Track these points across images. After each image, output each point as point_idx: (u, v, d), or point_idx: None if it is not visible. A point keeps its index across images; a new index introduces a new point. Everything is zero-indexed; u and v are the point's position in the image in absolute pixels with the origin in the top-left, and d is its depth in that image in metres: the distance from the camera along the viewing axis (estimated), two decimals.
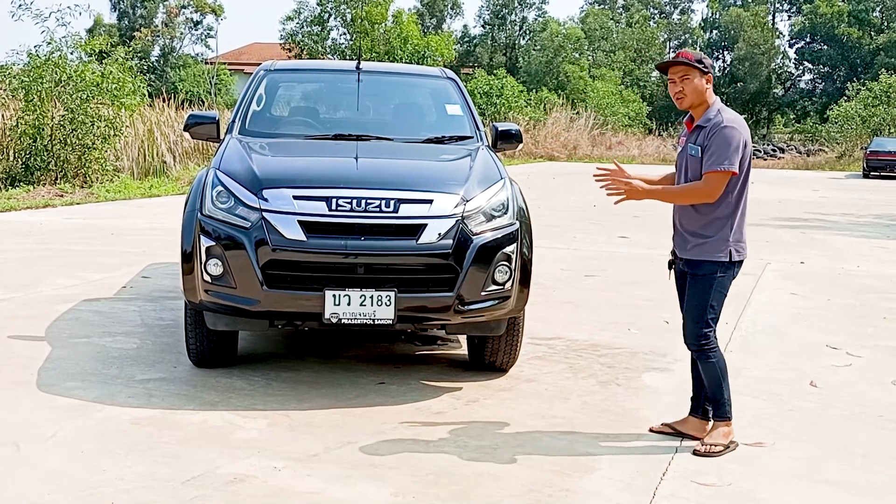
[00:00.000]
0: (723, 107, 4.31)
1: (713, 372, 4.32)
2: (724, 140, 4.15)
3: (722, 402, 4.35)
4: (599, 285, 8.70)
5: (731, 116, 4.25)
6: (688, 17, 70.59)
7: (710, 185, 4.17)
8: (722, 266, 4.24)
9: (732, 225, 4.24)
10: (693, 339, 4.32)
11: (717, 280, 4.25)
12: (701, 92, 4.27)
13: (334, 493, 3.72)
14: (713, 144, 4.17)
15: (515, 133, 6.36)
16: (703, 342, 4.29)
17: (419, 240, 4.81)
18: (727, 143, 4.15)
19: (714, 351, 4.31)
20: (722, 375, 4.33)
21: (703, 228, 4.26)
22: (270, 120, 6.39)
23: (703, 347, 4.30)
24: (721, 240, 4.23)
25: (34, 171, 16.92)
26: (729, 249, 4.23)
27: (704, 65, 4.27)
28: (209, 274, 4.84)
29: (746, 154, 4.24)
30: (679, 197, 4.32)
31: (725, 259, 4.23)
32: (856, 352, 6.33)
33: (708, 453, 4.25)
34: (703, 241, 4.25)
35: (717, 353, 4.33)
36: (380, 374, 5.39)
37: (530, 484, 3.86)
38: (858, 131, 41.66)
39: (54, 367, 5.36)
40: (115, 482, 3.74)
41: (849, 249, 11.95)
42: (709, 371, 4.33)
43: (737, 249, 4.25)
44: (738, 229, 4.25)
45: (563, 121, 40.73)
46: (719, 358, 4.33)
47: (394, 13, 42.30)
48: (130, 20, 57.55)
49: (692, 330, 4.31)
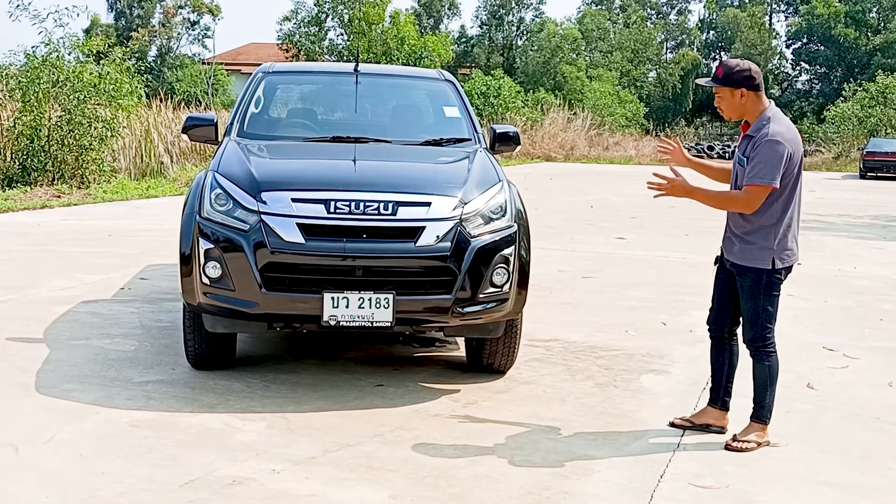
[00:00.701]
0: (775, 114, 4.30)
1: (763, 374, 4.42)
2: (766, 154, 4.18)
3: (763, 405, 4.44)
4: (597, 287, 8.71)
5: (778, 129, 4.23)
6: (685, 18, 70.63)
7: (748, 197, 4.23)
8: (767, 272, 4.31)
9: (777, 234, 4.29)
10: (750, 340, 4.41)
11: (763, 285, 4.32)
12: (738, 106, 4.32)
13: (332, 495, 3.72)
14: (756, 157, 4.20)
15: (513, 135, 6.37)
16: (760, 344, 4.39)
17: (417, 242, 4.82)
18: (769, 157, 4.17)
19: (771, 355, 4.40)
20: (771, 380, 4.42)
21: (748, 235, 4.33)
22: (269, 122, 6.40)
23: (759, 349, 4.40)
24: (766, 248, 4.30)
25: (31, 172, 16.91)
26: (773, 258, 4.30)
27: (733, 80, 4.27)
28: (208, 276, 4.85)
29: (792, 166, 4.25)
30: (719, 202, 4.38)
31: (769, 266, 4.30)
32: (853, 353, 6.35)
33: (742, 449, 4.35)
34: (748, 246, 4.33)
35: (774, 357, 4.41)
36: (378, 377, 5.40)
37: (528, 486, 3.87)
38: (855, 132, 41.70)
39: (52, 369, 5.36)
40: (113, 485, 3.74)
41: (846, 250, 11.98)
42: (759, 372, 4.43)
43: (780, 258, 4.31)
44: (783, 238, 4.30)
45: (561, 121, 40.73)
46: (773, 363, 4.41)
47: (391, 14, 42.27)
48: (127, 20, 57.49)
49: (749, 333, 4.41)
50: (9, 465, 3.93)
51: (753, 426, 4.44)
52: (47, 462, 3.97)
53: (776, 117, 4.28)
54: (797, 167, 4.29)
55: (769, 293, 4.33)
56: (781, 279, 4.36)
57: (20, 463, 3.96)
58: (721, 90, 4.31)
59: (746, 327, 4.41)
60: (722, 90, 4.31)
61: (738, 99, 4.29)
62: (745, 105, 4.30)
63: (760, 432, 4.42)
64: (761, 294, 4.33)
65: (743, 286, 4.38)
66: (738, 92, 4.28)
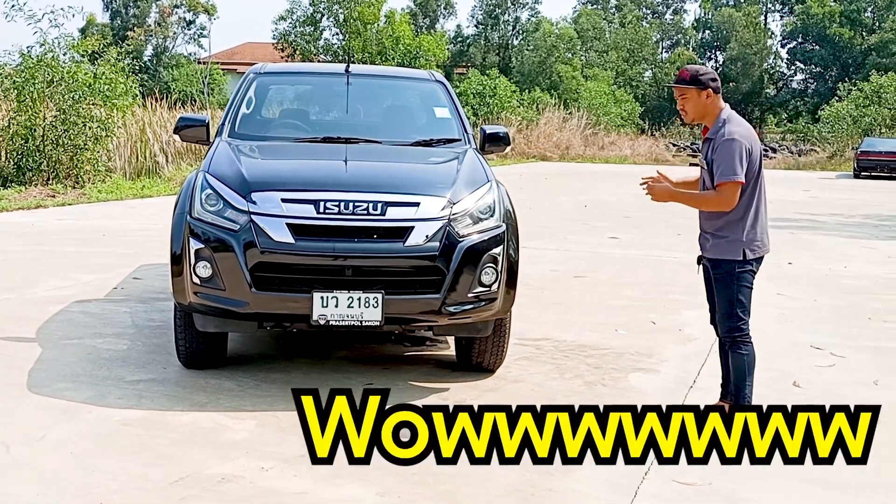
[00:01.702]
0: (730, 116, 4.55)
1: (741, 363, 4.58)
2: (726, 153, 4.43)
3: (742, 395, 4.59)
4: (589, 286, 8.76)
5: (733, 129, 4.48)
6: (680, 18, 70.78)
7: (723, 195, 4.46)
8: (738, 263, 4.52)
9: (745, 227, 4.51)
10: (726, 331, 4.59)
11: (736, 276, 4.52)
12: (702, 107, 4.56)
13: (322, 493, 3.77)
14: (718, 157, 4.45)
15: (503, 136, 6.42)
16: (736, 334, 4.57)
17: (406, 242, 4.86)
18: (730, 155, 4.42)
19: (746, 344, 4.58)
20: (748, 369, 4.58)
21: (719, 230, 4.56)
22: (260, 123, 6.44)
23: (735, 339, 4.58)
24: (735, 241, 4.52)
25: (26, 172, 16.93)
26: (743, 249, 4.51)
27: (701, 81, 4.52)
28: (198, 276, 4.89)
29: (753, 161, 4.49)
30: (700, 203, 4.62)
31: (740, 258, 4.51)
32: (840, 352, 6.40)
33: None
34: (719, 241, 4.56)
35: (749, 347, 4.59)
36: (368, 375, 5.44)
37: (516, 484, 3.91)
38: (849, 131, 41.79)
39: (45, 368, 5.40)
40: (105, 483, 3.78)
41: (837, 250, 12.04)
42: (736, 361, 4.60)
43: (750, 249, 4.52)
44: (751, 230, 4.52)
45: (556, 121, 40.77)
46: (750, 352, 4.59)
47: (386, 13, 42.31)
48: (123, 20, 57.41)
49: (724, 324, 4.60)
50: (1, 464, 3.96)
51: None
52: (39, 461, 4.01)
53: (731, 118, 4.54)
54: (758, 163, 4.54)
55: (741, 284, 4.53)
56: (753, 270, 4.56)
57: (12, 462, 4.00)
58: (689, 91, 4.54)
59: (722, 319, 4.60)
60: (690, 91, 4.54)
61: (704, 100, 4.54)
62: (707, 107, 4.55)
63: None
64: (734, 285, 4.52)
65: (717, 278, 4.59)
66: (705, 93, 4.53)
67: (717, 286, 4.59)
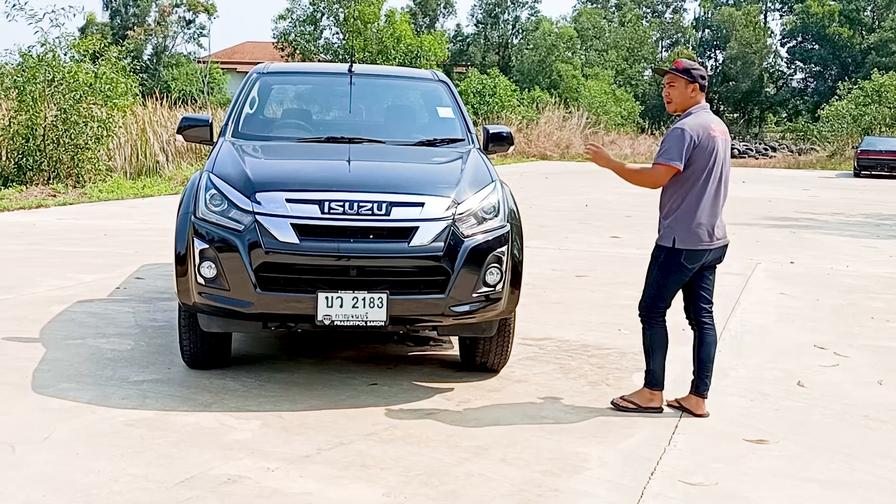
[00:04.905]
0: (697, 111, 4.77)
1: (645, 342, 4.91)
2: (670, 139, 4.68)
3: (649, 370, 4.90)
4: (590, 286, 8.76)
5: (686, 120, 4.71)
6: (680, 17, 70.79)
7: (653, 173, 4.72)
8: (666, 251, 4.77)
9: (681, 218, 4.73)
10: (642, 307, 4.91)
11: (661, 261, 4.80)
12: (687, 98, 4.78)
13: (326, 493, 3.76)
14: (664, 142, 4.72)
15: (507, 135, 6.41)
16: (647, 313, 4.88)
17: (411, 242, 4.86)
18: (673, 140, 4.66)
19: (654, 325, 4.86)
20: (652, 348, 4.87)
21: (664, 218, 4.83)
22: (263, 123, 6.43)
23: (645, 318, 4.89)
24: (670, 228, 4.76)
25: (27, 172, 16.93)
26: (673, 237, 4.74)
27: (692, 75, 4.75)
28: (203, 276, 4.88)
29: (697, 154, 4.67)
30: (630, 176, 4.84)
31: (668, 245, 4.75)
32: (843, 352, 6.40)
33: (619, 407, 4.92)
34: (661, 225, 4.85)
35: (658, 328, 4.86)
36: (372, 375, 5.44)
37: (520, 484, 3.91)
38: (850, 130, 41.79)
39: (48, 368, 5.40)
40: (109, 483, 3.78)
41: (838, 249, 12.04)
42: (644, 339, 4.92)
43: (682, 239, 4.72)
44: (688, 221, 4.71)
45: (556, 120, 40.77)
46: (656, 332, 4.86)
47: (386, 12, 42.29)
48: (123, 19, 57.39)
49: (643, 302, 4.91)
50: (5, 465, 3.96)
51: (644, 390, 4.93)
52: (43, 461, 4.00)
53: (695, 112, 4.76)
54: (709, 159, 4.69)
55: (664, 270, 4.79)
56: (681, 262, 4.74)
57: (16, 462, 3.99)
58: (678, 80, 4.76)
59: (643, 295, 4.90)
60: (679, 80, 4.76)
61: (690, 92, 4.76)
62: (689, 100, 4.76)
63: (648, 396, 4.89)
64: (656, 267, 4.81)
65: (651, 258, 4.87)
66: (693, 86, 4.75)
67: (649, 265, 4.87)
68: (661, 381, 4.90)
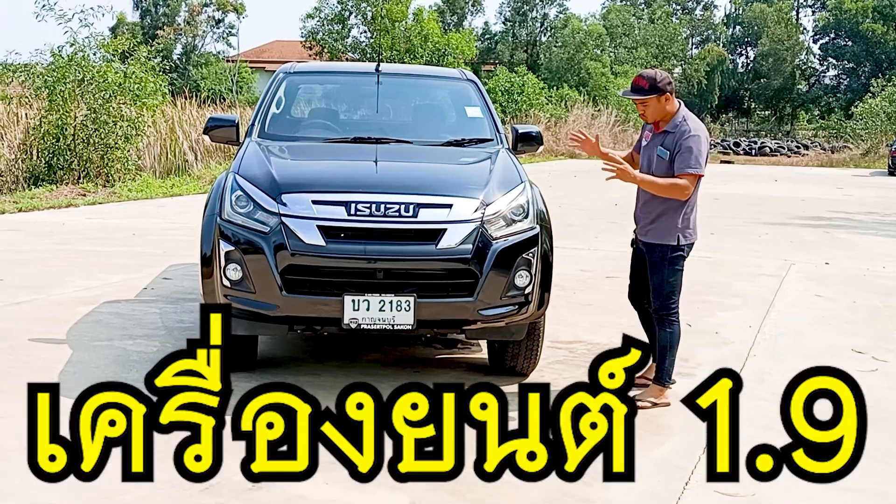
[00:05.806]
0: (687, 113, 4.98)
1: (665, 339, 5.01)
2: (695, 147, 4.85)
3: (663, 369, 5.01)
4: (620, 287, 8.58)
5: (696, 125, 4.92)
6: (710, 13, 70.12)
7: (686, 185, 4.85)
8: (672, 248, 4.95)
9: (681, 215, 4.93)
10: (657, 309, 5.04)
11: (669, 260, 4.96)
12: (661, 109, 4.94)
13: (352, 500, 3.71)
14: (684, 150, 4.85)
15: (536, 135, 6.32)
16: (664, 313, 5.01)
17: (438, 244, 4.78)
18: (697, 149, 4.85)
19: (673, 323, 5.03)
20: (671, 346, 5.02)
21: (658, 217, 4.96)
22: (290, 123, 6.38)
23: (663, 318, 5.02)
24: (672, 227, 4.94)
25: (57, 171, 17.04)
26: (678, 235, 4.95)
27: (659, 89, 4.88)
28: (228, 278, 4.84)
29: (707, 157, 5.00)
30: (660, 189, 4.92)
31: (674, 243, 4.94)
32: (882, 356, 6.24)
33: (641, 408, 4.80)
34: (657, 226, 4.97)
35: (676, 325, 5.04)
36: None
37: (549, 493, 3.82)
38: (884, 128, 41.15)
39: (75, 370, 5.38)
40: (133, 489, 3.73)
41: (874, 249, 11.82)
42: (662, 338, 5.02)
43: (684, 235, 4.97)
44: (686, 218, 4.95)
45: (585, 118, 40.52)
46: (675, 330, 5.03)
47: (414, 11, 42.23)
48: (153, 18, 57.82)
49: (656, 303, 5.04)
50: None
51: (653, 388, 5.01)
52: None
53: (689, 115, 4.97)
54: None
55: (673, 267, 4.97)
56: (684, 255, 5.00)
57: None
58: (650, 100, 4.90)
59: (654, 298, 5.04)
60: (650, 99, 4.90)
61: (663, 103, 4.92)
62: (666, 108, 4.93)
63: (658, 394, 4.99)
64: (667, 268, 4.96)
65: (652, 262, 5.01)
66: (664, 97, 4.91)
67: (651, 268, 5.00)
68: (671, 377, 5.07)
